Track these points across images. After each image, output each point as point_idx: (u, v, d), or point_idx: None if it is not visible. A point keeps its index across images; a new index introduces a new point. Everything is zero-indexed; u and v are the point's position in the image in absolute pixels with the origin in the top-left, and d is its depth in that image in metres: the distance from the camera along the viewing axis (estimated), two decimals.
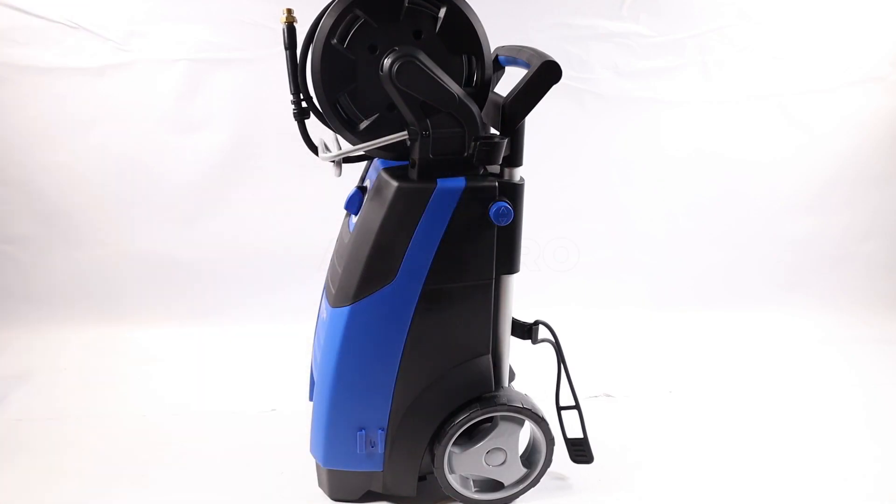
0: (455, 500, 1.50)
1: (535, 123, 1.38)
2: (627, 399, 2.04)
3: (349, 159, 1.45)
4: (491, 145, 1.27)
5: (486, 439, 1.46)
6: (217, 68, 2.33)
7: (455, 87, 1.25)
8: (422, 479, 1.52)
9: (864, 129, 2.57)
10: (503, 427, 1.46)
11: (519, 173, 1.35)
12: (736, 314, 2.58)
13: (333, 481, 1.50)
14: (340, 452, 1.43)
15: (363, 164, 1.55)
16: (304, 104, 1.36)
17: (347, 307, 1.33)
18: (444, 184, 1.27)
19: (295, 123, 1.39)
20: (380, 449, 1.43)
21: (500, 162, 1.31)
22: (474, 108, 1.27)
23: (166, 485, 1.58)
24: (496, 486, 1.53)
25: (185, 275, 2.49)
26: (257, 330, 2.41)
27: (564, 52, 2.42)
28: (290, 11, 1.31)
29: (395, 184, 1.28)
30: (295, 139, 1.40)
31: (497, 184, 1.30)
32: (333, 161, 1.33)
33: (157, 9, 2.25)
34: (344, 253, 1.38)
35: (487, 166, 1.35)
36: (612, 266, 2.63)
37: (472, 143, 1.28)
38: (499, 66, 1.48)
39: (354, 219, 1.40)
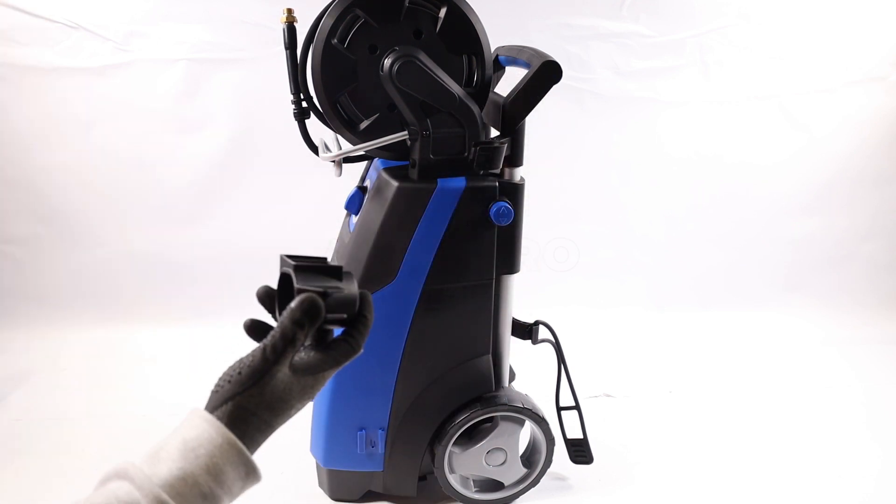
0: (455, 500, 1.50)
1: (535, 123, 1.38)
2: (627, 399, 2.03)
3: (349, 159, 1.45)
4: (491, 150, 1.27)
5: (487, 439, 1.46)
6: (217, 68, 2.33)
7: (455, 87, 1.25)
8: (422, 479, 1.52)
9: (864, 129, 2.57)
10: (503, 427, 1.46)
11: (519, 173, 1.35)
12: (736, 314, 2.57)
13: (333, 481, 1.50)
14: (341, 452, 1.43)
15: (363, 164, 1.55)
16: (304, 104, 1.36)
17: None
18: (444, 184, 1.27)
19: (295, 123, 1.39)
20: (380, 449, 1.43)
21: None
22: (475, 108, 1.27)
23: None
24: (496, 486, 1.53)
25: (185, 275, 2.48)
26: None
27: (564, 52, 2.42)
28: (290, 11, 1.31)
29: (395, 184, 1.28)
30: (295, 139, 1.40)
31: (497, 184, 1.30)
32: (333, 161, 1.33)
33: (157, 9, 2.24)
34: (344, 253, 1.38)
35: None
36: (612, 266, 2.62)
37: (473, 149, 1.27)
38: (499, 66, 1.48)
39: (354, 219, 1.40)
